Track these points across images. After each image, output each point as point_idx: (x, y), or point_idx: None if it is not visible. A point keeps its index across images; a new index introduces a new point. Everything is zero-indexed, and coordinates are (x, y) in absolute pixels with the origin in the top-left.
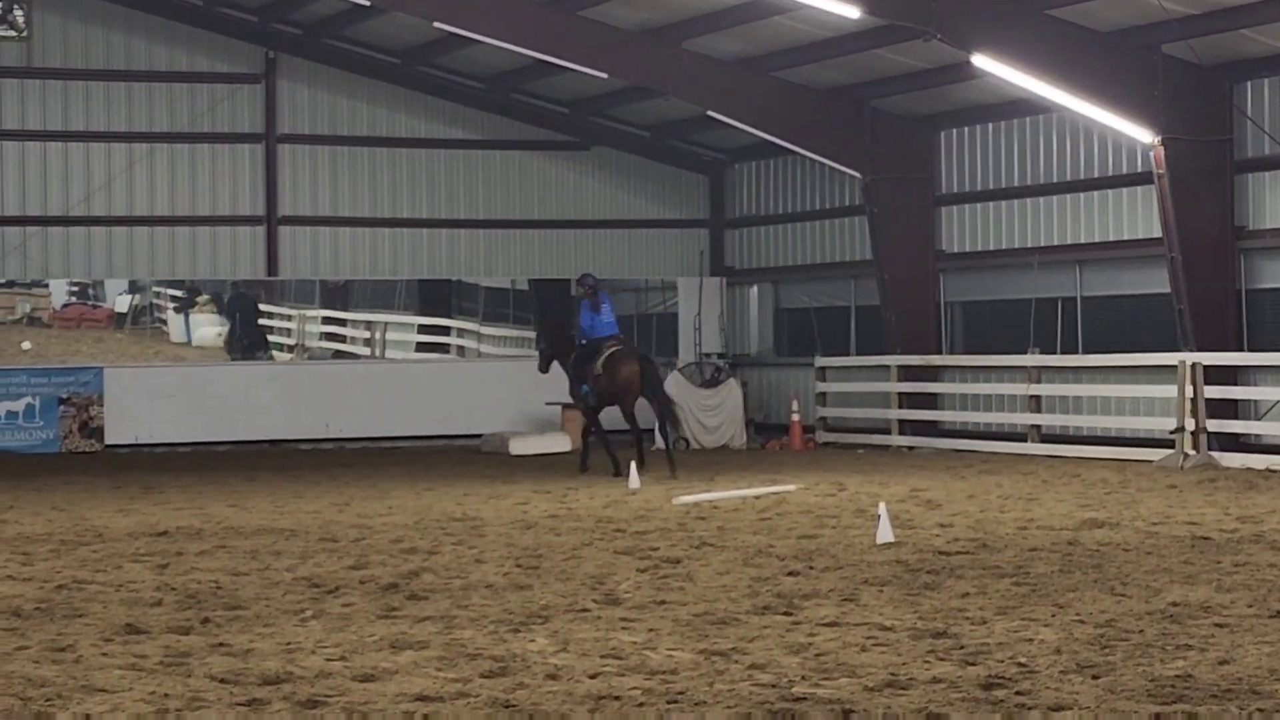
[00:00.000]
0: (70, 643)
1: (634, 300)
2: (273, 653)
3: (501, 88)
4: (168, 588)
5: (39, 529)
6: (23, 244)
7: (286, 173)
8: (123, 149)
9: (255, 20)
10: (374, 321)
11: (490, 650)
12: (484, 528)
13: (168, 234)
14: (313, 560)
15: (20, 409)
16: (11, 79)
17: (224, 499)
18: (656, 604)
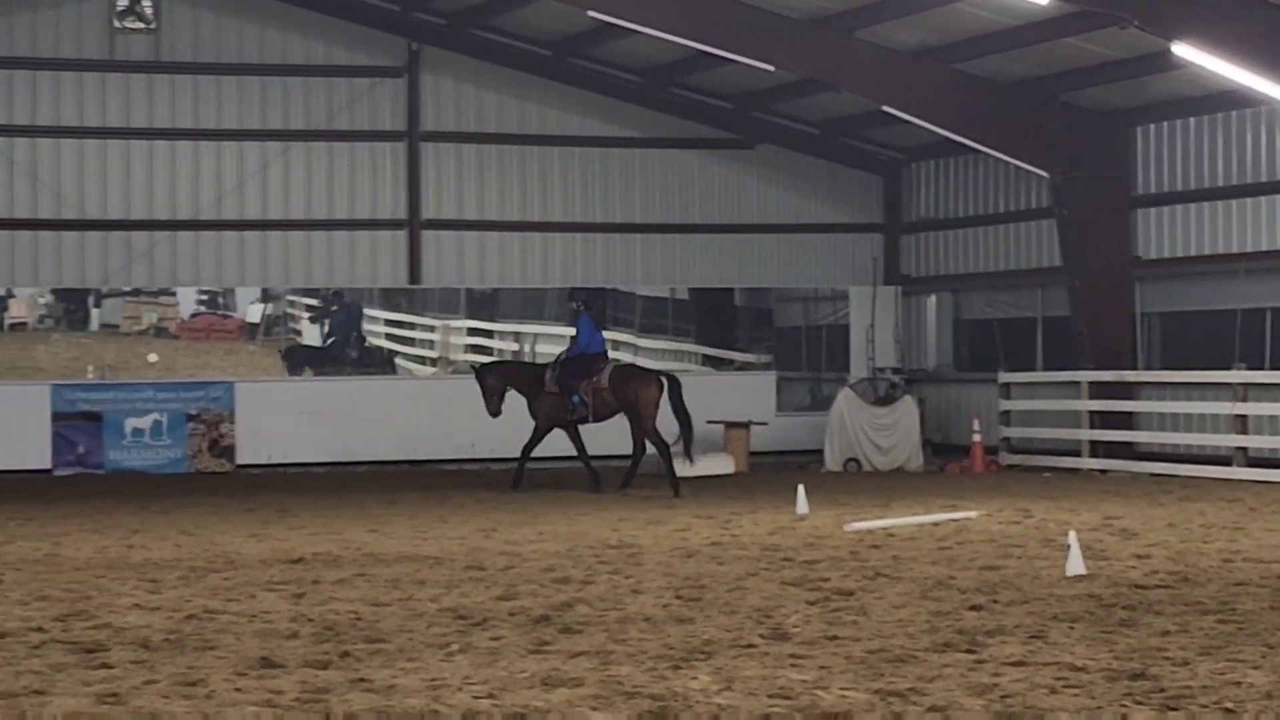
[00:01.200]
0: (201, 676)
1: (802, 311)
2: (416, 689)
3: (660, 81)
4: (304, 618)
5: (167, 555)
6: (149, 250)
7: (430, 173)
8: (256, 148)
9: (397, 9)
10: (523, 333)
11: (649, 688)
12: (641, 556)
13: (303, 239)
14: (458, 590)
15: (147, 426)
16: (139, 74)
17: (363, 524)
18: (828, 639)
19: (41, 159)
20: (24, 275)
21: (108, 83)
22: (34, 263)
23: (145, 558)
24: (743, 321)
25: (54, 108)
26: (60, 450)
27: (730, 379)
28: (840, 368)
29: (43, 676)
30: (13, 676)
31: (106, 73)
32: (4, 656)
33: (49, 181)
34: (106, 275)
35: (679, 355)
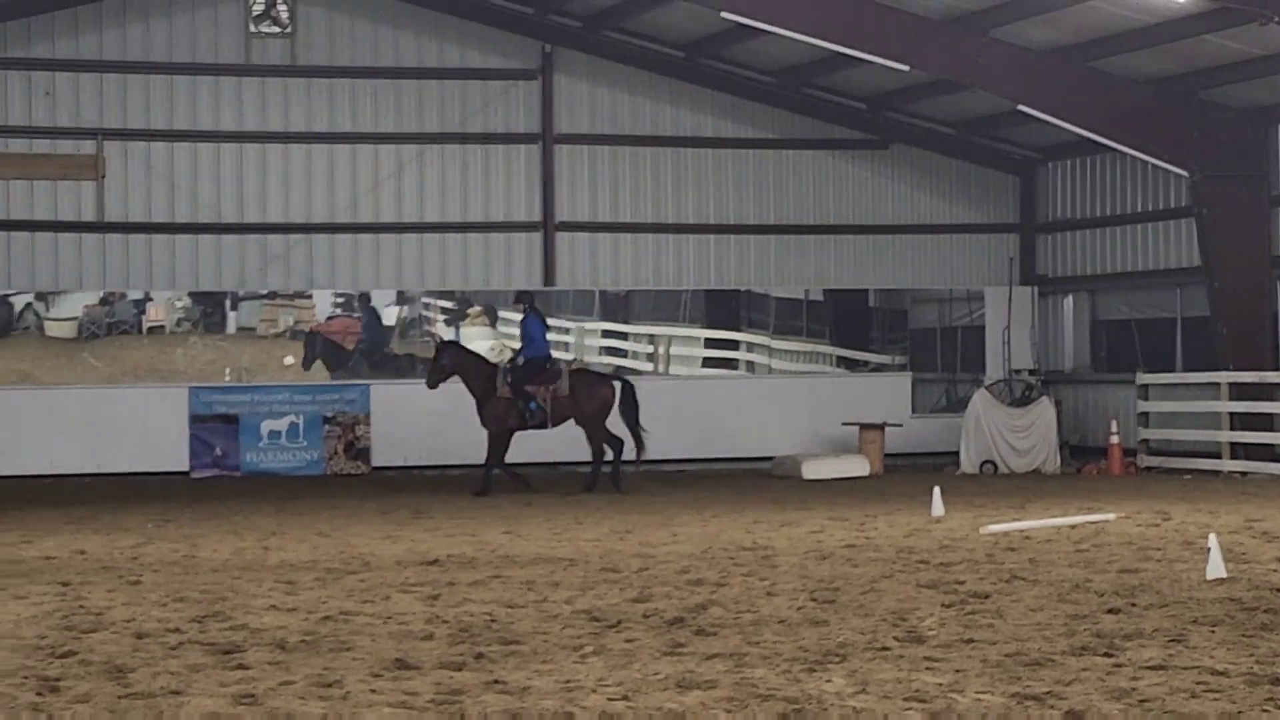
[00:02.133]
0: (337, 678)
1: (937, 312)
2: (551, 691)
3: (793, 82)
4: (439, 620)
5: (303, 556)
6: (286, 253)
7: (564, 175)
8: (390, 151)
9: (531, 12)
10: (657, 335)
11: (784, 691)
12: (776, 558)
13: (438, 241)
14: (593, 592)
15: (284, 428)
16: (275, 78)
17: (498, 525)
18: (963, 642)
19: (179, 163)
20: (162, 279)
21: (244, 87)
22: (171, 266)
23: (282, 559)
24: (877, 323)
25: (191, 112)
26: (198, 453)
27: (865, 380)
28: (976, 369)
29: (180, 677)
30: (151, 677)
31: (243, 77)
32: (142, 657)
33: (186, 185)
34: (243, 278)
35: (813, 357)
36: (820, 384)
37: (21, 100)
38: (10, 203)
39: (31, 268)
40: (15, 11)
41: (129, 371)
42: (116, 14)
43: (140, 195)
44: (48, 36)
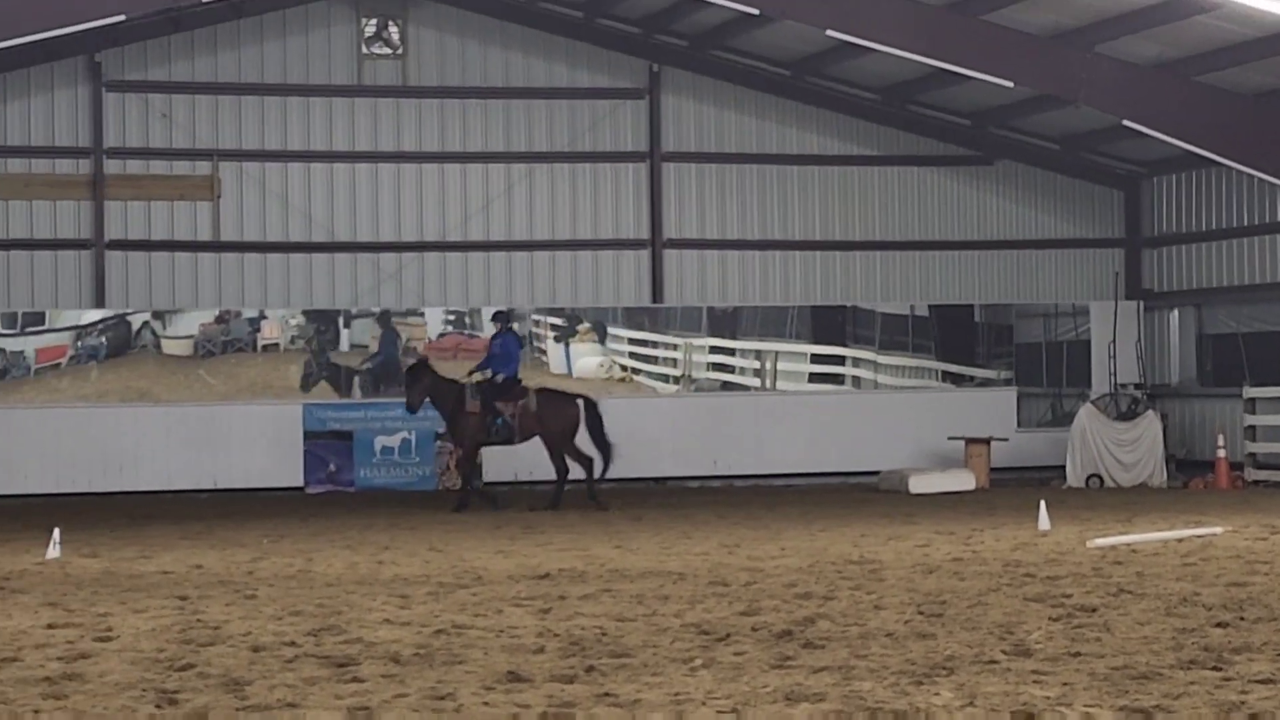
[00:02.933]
0: (450, 690)
1: (1042, 326)
2: (661, 704)
3: (898, 99)
4: (550, 633)
5: (416, 571)
6: (398, 271)
7: (671, 193)
8: (500, 170)
9: (638, 32)
10: (764, 350)
11: (892, 704)
12: (883, 571)
13: (547, 259)
14: (702, 605)
15: (396, 445)
16: (387, 99)
17: (608, 539)
18: (1071, 655)
19: (293, 183)
20: (275, 297)
21: (356, 108)
22: (285, 285)
23: (395, 574)
24: (982, 337)
25: (304, 133)
26: (312, 468)
27: (970, 395)
28: (1081, 383)
29: (296, 690)
30: (267, 689)
31: (355, 98)
32: (259, 670)
33: (300, 205)
34: (356, 296)
35: (919, 372)
36: (926, 399)
37: (139, 122)
38: (128, 224)
39: (149, 287)
40: (132, 36)
41: (244, 389)
42: (231, 37)
43: (255, 215)
44: (164, 60)
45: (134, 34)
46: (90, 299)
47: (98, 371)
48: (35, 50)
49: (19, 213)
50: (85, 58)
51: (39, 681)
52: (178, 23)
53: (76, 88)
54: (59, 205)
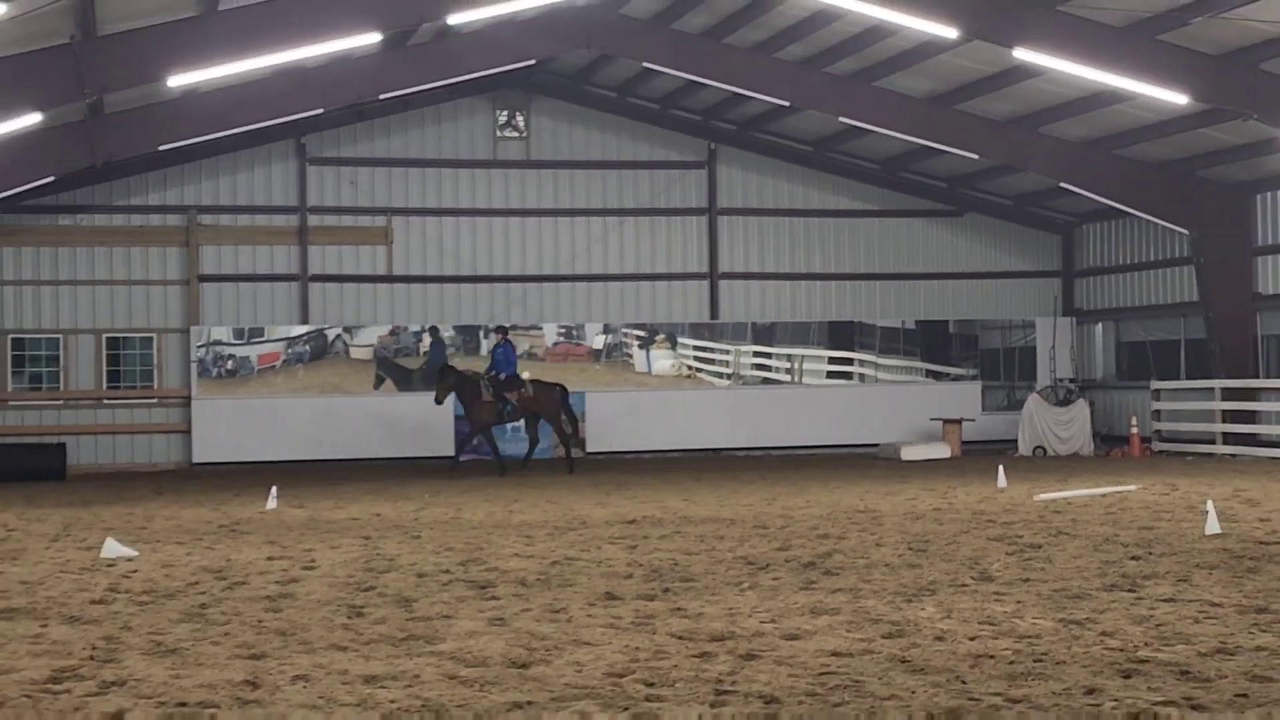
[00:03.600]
0: (563, 606)
1: (1000, 336)
2: (718, 616)
3: (892, 167)
4: (636, 564)
5: (537, 517)
6: (523, 297)
7: (724, 238)
8: (599, 222)
9: (700, 119)
10: (793, 354)
11: (889, 616)
12: (882, 518)
13: (633, 287)
14: (748, 543)
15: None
16: (515, 169)
17: (678, 495)
18: (1022, 581)
19: (445, 232)
20: (434, 316)
21: (492, 176)
22: (441, 306)
23: (522, 520)
24: (955, 344)
25: (454, 194)
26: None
27: (947, 387)
28: (1029, 378)
29: (450, 605)
30: (429, 605)
31: (491, 169)
32: (423, 590)
33: (451, 248)
34: (492, 315)
35: (908, 370)
36: (913, 390)
37: (333, 187)
38: (325, 262)
39: (340, 308)
40: (328, 123)
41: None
42: (400, 124)
43: (418, 255)
44: (352, 140)
45: (330, 122)
46: (297, 318)
47: (303, 371)
48: (257, 134)
49: (245, 255)
50: (294, 140)
51: (261, 599)
52: (362, 113)
53: (287, 162)
54: (274, 249)
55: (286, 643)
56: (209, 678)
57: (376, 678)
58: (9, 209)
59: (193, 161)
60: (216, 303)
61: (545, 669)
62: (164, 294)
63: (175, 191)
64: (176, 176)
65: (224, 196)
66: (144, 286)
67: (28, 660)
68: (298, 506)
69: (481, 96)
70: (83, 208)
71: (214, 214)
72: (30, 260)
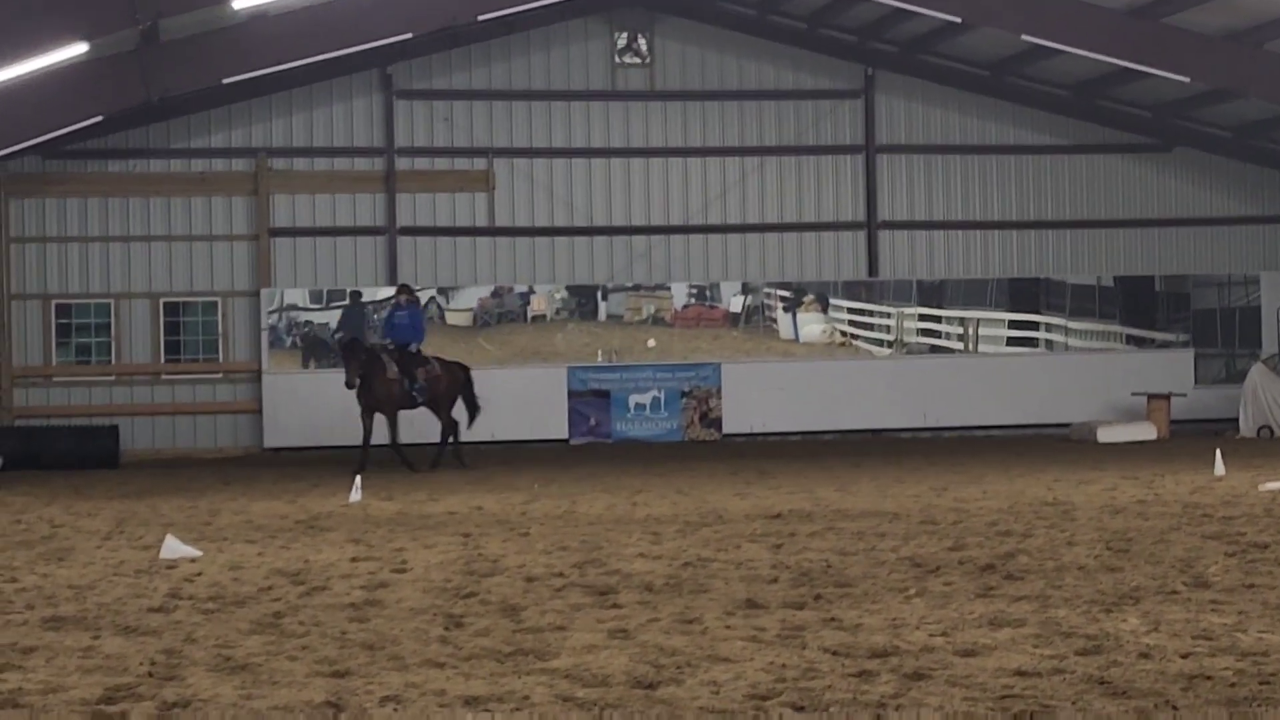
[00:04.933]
0: (697, 615)
1: (1216, 294)
2: (880, 628)
3: (1086, 94)
4: (782, 566)
5: (665, 511)
6: (648, 251)
7: (885, 181)
8: (735, 162)
9: (854, 40)
10: (967, 318)
11: (1084, 629)
12: (1074, 512)
13: (776, 239)
14: (914, 541)
15: (647, 401)
16: (636, 102)
17: (831, 484)
18: (1245, 587)
19: (556, 176)
20: (542, 274)
21: (610, 110)
22: (551, 264)
23: (647, 514)
24: (1162, 305)
25: (566, 132)
26: (575, 423)
27: (1151, 355)
28: (1253, 344)
29: (564, 615)
30: (539, 614)
31: (609, 101)
32: (532, 597)
33: (563, 195)
34: (612, 273)
35: (1105, 335)
36: (1111, 359)
37: (425, 125)
38: (416, 213)
39: (434, 266)
40: (418, 50)
41: (517, 354)
42: (502, 50)
43: (524, 203)
44: (445, 71)
45: (419, 49)
46: (384, 278)
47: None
48: (336, 65)
49: (323, 205)
50: (379, 70)
51: (345, 607)
52: (456, 38)
53: (371, 96)
54: (357, 198)
55: (374, 658)
56: (285, 698)
57: (478, 699)
58: (51, 154)
59: (261, 97)
60: (290, 261)
61: (676, 690)
62: (230, 251)
63: (241, 132)
64: (243, 114)
65: (298, 137)
66: (206, 243)
67: (78, 677)
68: (386, 499)
69: (597, 16)
70: (135, 152)
71: (286, 157)
72: (76, 214)
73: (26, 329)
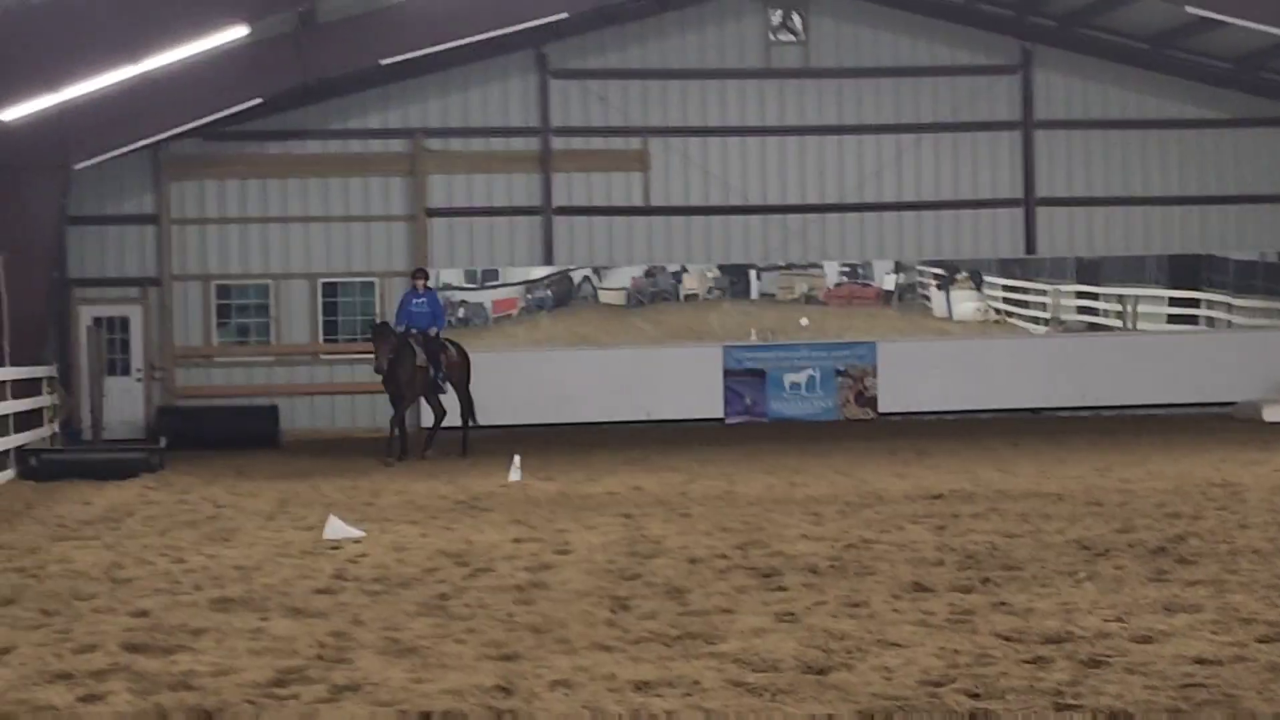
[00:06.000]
0: (864, 598)
1: None
2: (1051, 612)
3: (1250, 66)
4: (947, 548)
5: (824, 491)
6: (803, 230)
7: (1043, 157)
8: (890, 140)
9: (1012, 14)
10: (1125, 295)
11: (1264, 615)
12: (1244, 494)
13: (933, 217)
14: (1081, 524)
15: (803, 380)
16: (791, 80)
17: (991, 464)
18: None
19: (711, 155)
20: (697, 254)
21: (764, 88)
22: (706, 243)
23: (806, 494)
24: None
25: (720, 110)
26: (731, 402)
27: None
28: None
29: (729, 597)
30: (704, 597)
31: (763, 79)
32: (696, 579)
33: (717, 173)
34: (766, 252)
35: (1270, 313)
36: (1276, 337)
37: (579, 105)
38: (570, 193)
39: (590, 245)
40: (573, 29)
41: (670, 333)
42: (656, 29)
43: (679, 182)
44: (600, 50)
45: (574, 28)
46: (540, 257)
47: (548, 319)
48: (491, 45)
49: (479, 185)
50: (534, 50)
51: (510, 589)
52: (611, 18)
53: (526, 76)
54: (512, 177)
55: (542, 641)
56: (455, 682)
57: (649, 684)
58: (210, 136)
59: (417, 78)
60: (447, 241)
61: (847, 675)
62: (387, 231)
63: (398, 113)
64: (399, 95)
65: (453, 118)
66: (364, 223)
67: (247, 659)
68: (545, 479)
69: None
70: (293, 133)
71: (442, 138)
72: (235, 195)
73: (187, 309)
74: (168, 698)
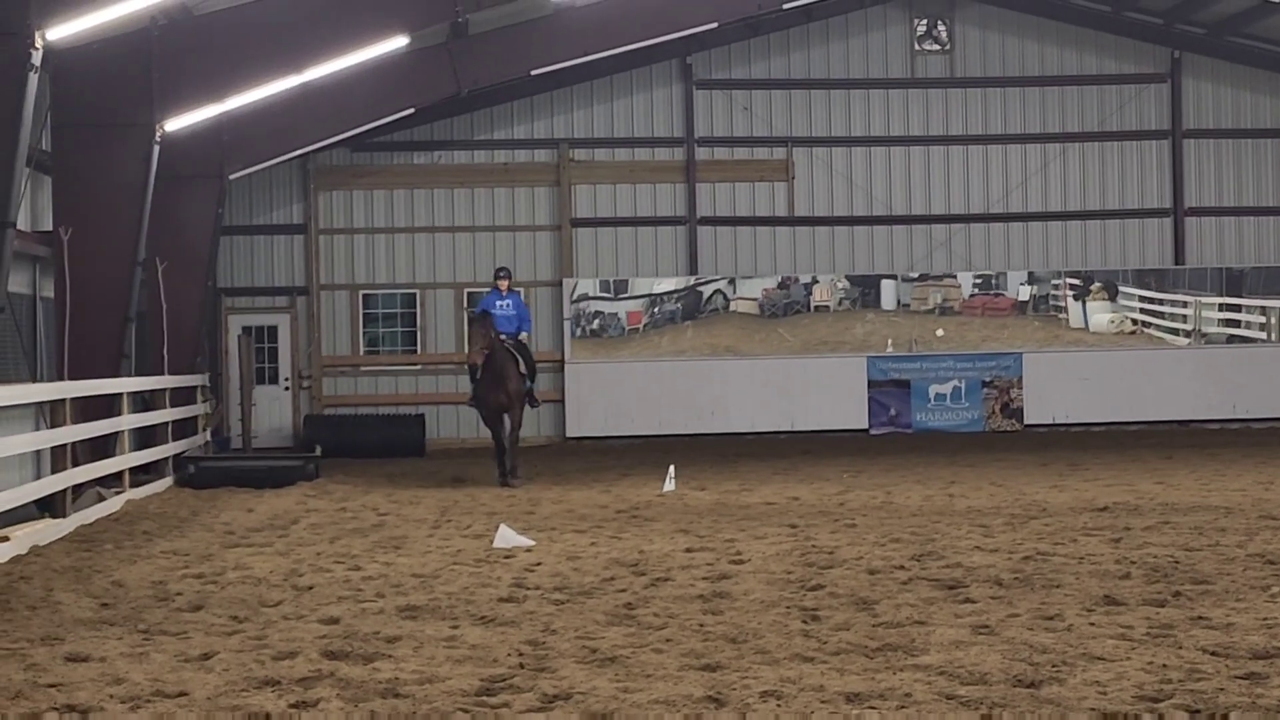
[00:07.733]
0: (1056, 611)
1: None
2: (1253, 628)
3: None
4: (1129, 561)
5: (984, 503)
6: (947, 240)
7: (1191, 166)
8: (1036, 150)
9: (1160, 22)
10: (1269, 307)
11: None
12: None
13: (1079, 227)
14: (1259, 537)
15: (948, 391)
16: (936, 89)
17: (1148, 476)
18: None
19: (855, 165)
20: (842, 264)
21: (910, 97)
22: (850, 253)
23: (967, 505)
24: None
25: (865, 120)
26: (875, 413)
27: None
28: None
29: (918, 608)
30: (893, 608)
31: (908, 89)
32: (881, 590)
33: (861, 183)
34: (911, 263)
35: None
36: None
37: (723, 115)
38: (715, 202)
39: (734, 255)
40: (717, 40)
41: (809, 344)
42: (800, 40)
43: (823, 192)
44: (744, 60)
45: (719, 39)
46: (684, 268)
47: (692, 330)
48: (637, 55)
49: (624, 195)
50: (679, 60)
51: (694, 599)
52: (755, 28)
53: (671, 86)
54: (657, 187)
55: (741, 651)
56: (663, 692)
57: (859, 696)
58: (358, 147)
59: (563, 88)
60: (592, 251)
61: (1060, 689)
62: (532, 241)
63: (544, 123)
64: (545, 105)
65: (599, 128)
66: (509, 233)
67: (449, 667)
68: (700, 489)
69: (896, 3)
70: (439, 144)
71: (588, 148)
72: (383, 205)
73: (335, 319)
74: (380, 705)
